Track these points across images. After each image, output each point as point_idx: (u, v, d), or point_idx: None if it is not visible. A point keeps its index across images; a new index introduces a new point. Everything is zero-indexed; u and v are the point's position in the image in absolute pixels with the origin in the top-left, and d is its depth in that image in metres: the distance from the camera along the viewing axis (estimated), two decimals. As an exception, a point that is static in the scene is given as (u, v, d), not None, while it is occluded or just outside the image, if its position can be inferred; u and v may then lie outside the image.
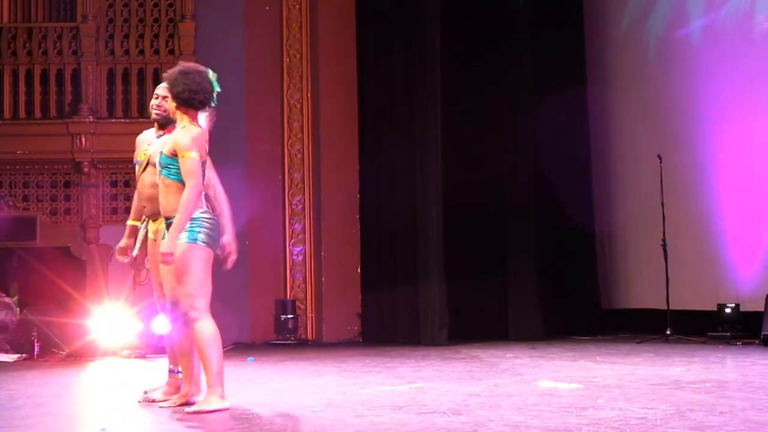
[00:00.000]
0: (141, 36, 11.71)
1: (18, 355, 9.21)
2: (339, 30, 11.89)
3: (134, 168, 5.80)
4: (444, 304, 10.00)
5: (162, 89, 5.54)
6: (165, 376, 5.57)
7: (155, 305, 5.61)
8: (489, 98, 10.87)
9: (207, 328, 5.02)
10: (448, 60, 10.47)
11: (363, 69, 11.60)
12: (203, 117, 5.36)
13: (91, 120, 11.46)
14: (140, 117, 11.58)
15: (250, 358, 8.45)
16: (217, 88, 5.27)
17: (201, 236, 5.05)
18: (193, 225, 5.06)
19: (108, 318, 9.45)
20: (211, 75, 5.25)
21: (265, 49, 12.02)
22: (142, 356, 9.15)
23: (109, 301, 9.89)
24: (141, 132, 6.04)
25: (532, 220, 10.48)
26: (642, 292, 10.68)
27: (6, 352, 9.38)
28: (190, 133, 5.15)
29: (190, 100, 5.15)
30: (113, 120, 11.54)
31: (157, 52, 11.70)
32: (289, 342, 10.89)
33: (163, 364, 5.81)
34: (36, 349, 9.26)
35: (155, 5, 11.79)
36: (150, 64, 11.65)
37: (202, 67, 5.31)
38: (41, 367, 8.31)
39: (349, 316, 11.34)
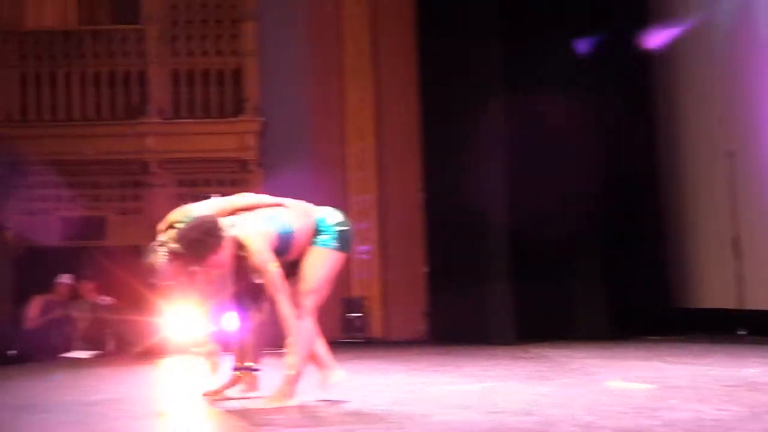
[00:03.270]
0: (204, 37, 11.83)
1: (93, 352, 9.40)
2: (399, 28, 11.90)
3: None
4: (511, 302, 9.94)
5: None
6: (228, 374, 5.62)
7: (225, 303, 5.63)
8: (552, 95, 10.76)
9: (304, 328, 5.05)
10: (510, 55, 10.40)
11: (424, 66, 11.57)
12: None
13: (158, 121, 11.61)
14: (206, 117, 11.72)
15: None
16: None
17: (334, 243, 5.13)
18: (326, 231, 5.13)
19: (178, 316, 9.56)
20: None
21: (326, 48, 12.07)
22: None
23: (179, 300, 9.98)
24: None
25: (600, 218, 10.37)
26: (714, 291, 10.50)
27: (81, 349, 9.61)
28: None
29: None
30: (179, 121, 11.68)
31: (220, 53, 11.83)
32: (356, 340, 10.90)
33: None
34: (110, 346, 9.43)
35: (217, 6, 11.91)
36: (214, 65, 11.77)
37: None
38: (115, 364, 8.44)
39: (416, 314, 11.33)
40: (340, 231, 5.16)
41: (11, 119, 11.81)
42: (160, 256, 5.07)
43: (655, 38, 10.37)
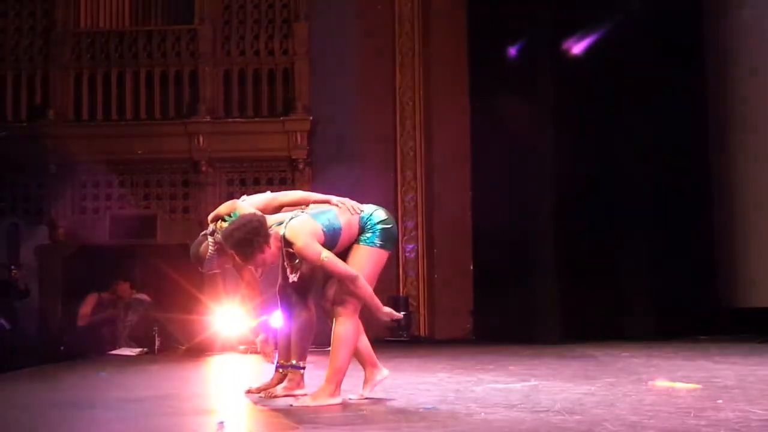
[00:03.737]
0: (256, 37, 11.92)
1: (140, 349, 9.51)
2: (451, 27, 11.91)
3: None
4: (557, 302, 9.92)
5: None
6: (272, 372, 5.66)
7: (271, 300, 5.68)
8: (605, 91, 10.71)
9: (348, 329, 5.05)
10: (559, 54, 10.37)
11: (475, 66, 11.57)
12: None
13: (209, 120, 11.71)
14: (256, 116, 11.80)
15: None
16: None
17: (378, 241, 5.11)
18: (370, 229, 5.12)
19: (225, 314, 9.64)
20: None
21: (377, 47, 12.11)
22: (258, 351, 9.32)
23: (226, 298, 10.09)
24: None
25: (649, 217, 10.30)
26: (764, 290, 10.36)
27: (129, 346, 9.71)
28: None
29: None
30: (230, 120, 11.77)
31: (271, 52, 11.90)
32: (402, 339, 10.91)
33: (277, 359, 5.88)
34: (157, 343, 9.53)
35: (270, 6, 12.00)
36: (265, 65, 11.84)
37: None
38: (162, 361, 8.53)
39: (462, 313, 11.33)
40: (384, 229, 5.14)
41: (65, 119, 12.00)
42: (207, 247, 5.11)
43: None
